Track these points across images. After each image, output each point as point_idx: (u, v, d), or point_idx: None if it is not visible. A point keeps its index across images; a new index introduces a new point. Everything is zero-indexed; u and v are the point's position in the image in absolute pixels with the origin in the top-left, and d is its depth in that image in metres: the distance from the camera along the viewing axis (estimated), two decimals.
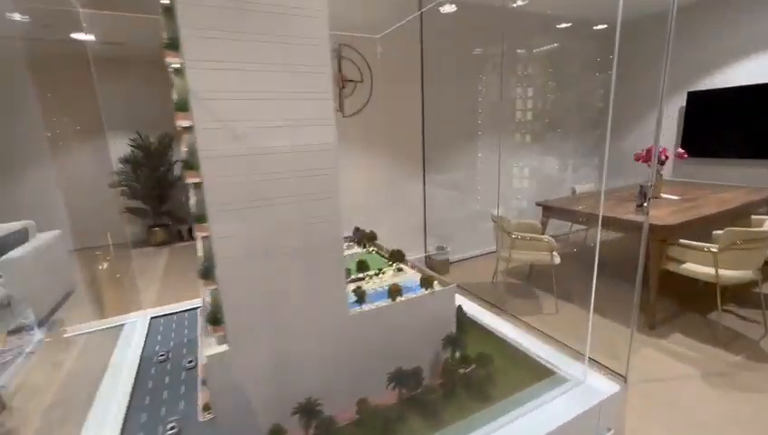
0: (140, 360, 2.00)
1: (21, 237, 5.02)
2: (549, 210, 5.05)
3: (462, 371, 1.70)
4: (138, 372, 1.89)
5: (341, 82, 4.95)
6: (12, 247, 4.73)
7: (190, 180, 1.17)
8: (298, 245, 1.37)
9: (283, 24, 1.22)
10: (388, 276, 1.95)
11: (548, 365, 1.80)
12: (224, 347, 1.31)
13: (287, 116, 1.27)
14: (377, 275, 1.96)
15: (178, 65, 1.12)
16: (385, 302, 1.62)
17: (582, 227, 5.88)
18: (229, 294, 1.28)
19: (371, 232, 2.43)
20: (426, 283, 1.69)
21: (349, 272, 1.90)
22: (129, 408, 1.66)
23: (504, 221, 4.74)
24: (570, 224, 5.94)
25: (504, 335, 2.03)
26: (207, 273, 1.25)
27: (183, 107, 1.13)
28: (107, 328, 2.39)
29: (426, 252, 5.81)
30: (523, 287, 5.24)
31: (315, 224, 1.39)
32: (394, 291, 1.63)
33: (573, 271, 5.61)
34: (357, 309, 1.56)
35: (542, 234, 5.12)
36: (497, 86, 5.47)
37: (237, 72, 1.18)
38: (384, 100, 5.07)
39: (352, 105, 5.01)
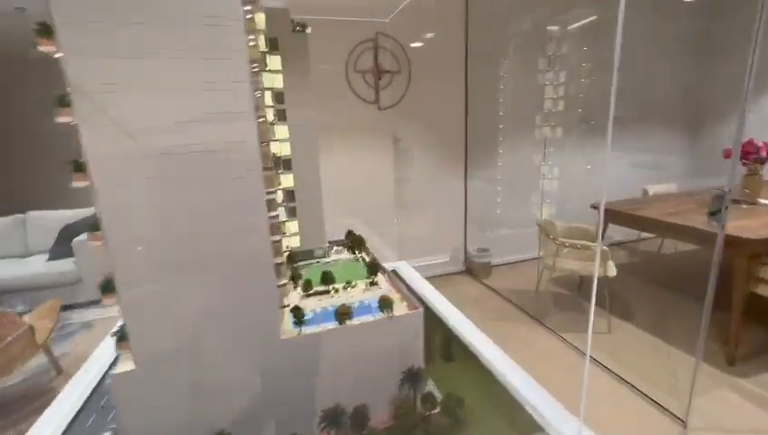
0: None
1: (95, 221, 5.60)
2: (607, 214, 4.39)
3: (427, 413, 1.43)
4: (108, 369, 1.88)
5: (378, 74, 4.69)
6: (85, 230, 5.28)
7: (77, 184, 1.05)
8: (214, 257, 1.20)
9: (183, 1, 1.04)
10: (358, 291, 1.72)
11: (536, 417, 1.44)
12: (131, 367, 1.19)
13: (193, 110, 1.10)
14: (345, 289, 1.73)
15: (60, 55, 1.00)
16: (331, 325, 1.40)
17: (655, 234, 5.05)
18: (132, 310, 1.15)
19: (359, 236, 2.21)
20: (384, 305, 1.43)
21: (309, 283, 1.70)
22: (83, 407, 1.64)
23: (548, 225, 4.21)
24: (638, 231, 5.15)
25: (496, 370, 1.70)
26: (107, 286, 1.13)
27: (65, 102, 1.00)
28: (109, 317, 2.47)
29: (466, 253, 5.41)
30: (571, 300, 4.64)
31: (236, 234, 1.21)
32: (342, 313, 1.40)
33: (636, 285, 4.86)
34: (294, 332, 1.36)
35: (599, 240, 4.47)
36: (554, 70, 4.85)
37: (128, 59, 1.02)
38: (423, 90, 4.75)
39: (389, 97, 4.74)
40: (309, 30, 2.01)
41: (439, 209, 5.18)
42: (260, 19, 1.78)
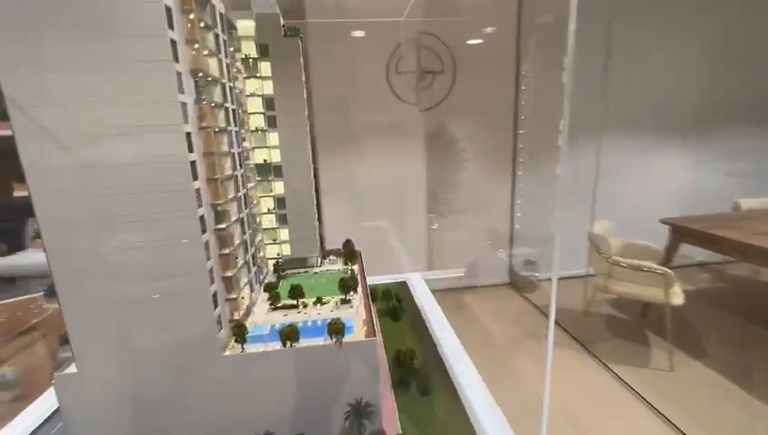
0: None
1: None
2: (680, 232, 3.78)
3: None
4: None
5: (420, 74, 4.54)
6: None
7: (18, 193, 1.10)
8: (148, 269, 1.20)
9: (109, 14, 1.03)
10: (327, 309, 1.63)
11: None
12: (73, 369, 1.23)
13: (119, 123, 1.10)
14: (315, 305, 1.65)
15: None
16: (275, 345, 1.33)
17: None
18: (71, 315, 1.19)
19: (352, 248, 2.12)
20: (332, 330, 1.32)
21: (277, 297, 1.65)
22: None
23: (600, 240, 3.73)
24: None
25: (472, 410, 1.50)
26: (50, 291, 1.18)
27: (3, 115, 1.05)
28: None
29: (511, 265, 5.02)
30: (630, 326, 4.07)
31: (168, 247, 1.19)
32: (286, 334, 1.32)
33: (714, 316, 4.12)
34: (237, 350, 1.32)
35: (666, 262, 3.88)
36: (629, 65, 4.28)
37: (57, 73, 1.05)
38: (468, 90, 4.48)
39: (431, 98, 4.54)
40: (302, 34, 1.95)
41: (481, 216, 4.86)
42: (246, 26, 1.76)
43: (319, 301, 1.67)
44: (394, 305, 2.24)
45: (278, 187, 1.97)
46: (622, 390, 3.17)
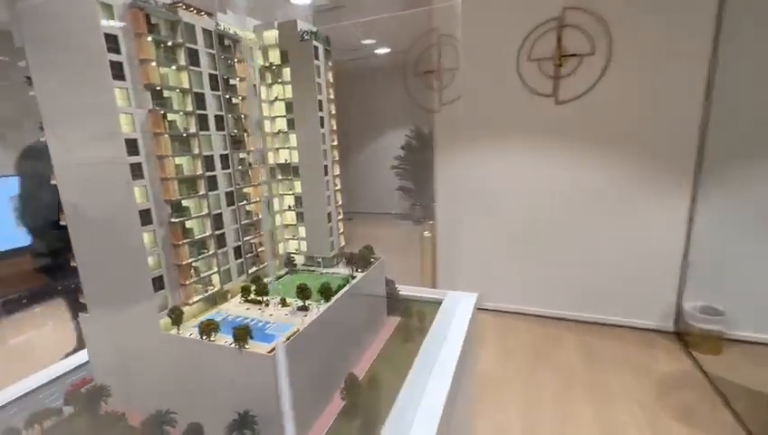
0: None
1: None
2: None
3: None
4: None
5: (559, 60, 3.78)
6: None
7: (53, 181, 1.53)
8: (111, 249, 1.50)
9: (67, 46, 1.33)
10: (282, 312, 1.63)
11: None
12: (87, 314, 1.65)
13: (88, 132, 1.41)
14: (276, 305, 1.67)
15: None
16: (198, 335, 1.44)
17: None
18: (83, 273, 1.59)
19: (362, 255, 2.01)
20: (236, 336, 1.33)
21: (248, 291, 1.74)
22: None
23: None
24: None
25: None
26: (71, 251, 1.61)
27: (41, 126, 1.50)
28: None
29: (679, 309, 3.64)
30: None
31: (120, 232, 1.46)
32: (203, 328, 1.41)
33: None
34: (174, 332, 1.49)
35: None
36: None
37: (49, 99, 1.43)
38: (627, 75, 3.44)
39: (572, 87, 3.70)
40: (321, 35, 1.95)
41: (638, 237, 3.71)
42: (269, 36, 1.91)
43: (282, 302, 1.68)
44: (407, 324, 2.02)
45: (297, 186, 2.06)
46: None
